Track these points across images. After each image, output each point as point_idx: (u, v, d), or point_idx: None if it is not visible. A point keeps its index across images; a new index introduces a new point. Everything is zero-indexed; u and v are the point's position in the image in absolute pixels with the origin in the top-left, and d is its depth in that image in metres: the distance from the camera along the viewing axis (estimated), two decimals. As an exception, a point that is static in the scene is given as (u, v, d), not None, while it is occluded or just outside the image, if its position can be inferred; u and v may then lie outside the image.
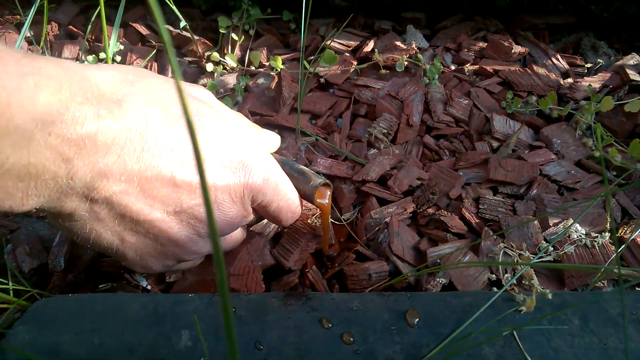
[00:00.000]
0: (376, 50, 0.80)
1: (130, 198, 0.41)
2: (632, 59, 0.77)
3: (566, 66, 0.80)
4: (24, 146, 0.33)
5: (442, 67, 0.78)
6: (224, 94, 0.79)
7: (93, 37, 0.88)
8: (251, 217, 0.51)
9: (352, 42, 0.87)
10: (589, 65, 0.80)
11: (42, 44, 0.82)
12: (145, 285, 0.56)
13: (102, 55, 0.83)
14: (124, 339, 0.45)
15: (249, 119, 0.73)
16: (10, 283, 0.55)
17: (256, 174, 0.46)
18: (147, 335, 0.45)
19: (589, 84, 0.71)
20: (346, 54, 0.86)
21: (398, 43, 0.83)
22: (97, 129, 0.36)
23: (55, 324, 0.47)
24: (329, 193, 0.54)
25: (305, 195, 0.53)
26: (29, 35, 0.86)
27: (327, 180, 0.53)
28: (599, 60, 0.80)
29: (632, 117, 0.66)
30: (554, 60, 0.80)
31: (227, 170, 0.45)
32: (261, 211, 0.51)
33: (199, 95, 0.49)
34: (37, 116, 0.32)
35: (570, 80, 0.76)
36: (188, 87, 0.49)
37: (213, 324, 0.46)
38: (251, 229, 0.60)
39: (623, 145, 0.65)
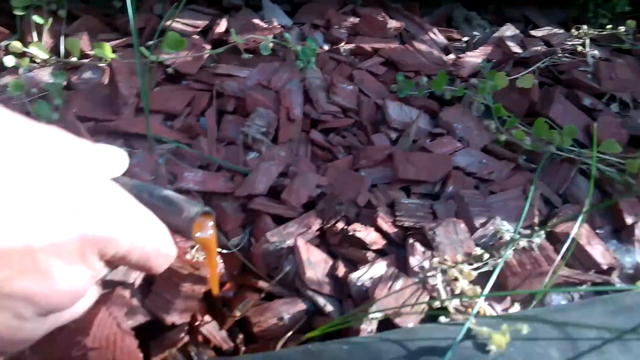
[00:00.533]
0: (232, 30, 0.66)
1: None
2: (508, 30, 0.74)
3: (445, 41, 0.74)
4: None
5: (317, 47, 0.67)
6: (37, 95, 0.58)
7: None
8: (104, 271, 0.35)
9: (199, 22, 0.72)
10: (466, 38, 0.76)
11: None
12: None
13: None
14: None
15: (79, 128, 0.53)
16: None
17: (97, 218, 0.30)
18: None
19: (483, 60, 0.66)
20: (195, 36, 0.70)
21: (257, 21, 0.70)
22: None
23: None
24: (211, 223, 0.39)
25: (179, 231, 0.37)
26: None
27: (206, 207, 0.37)
28: (474, 32, 0.76)
29: (524, 93, 0.63)
30: (431, 34, 0.74)
31: (46, 221, 0.28)
32: (119, 263, 0.34)
33: None
34: None
35: (452, 56, 0.71)
36: None
37: None
38: (108, 278, 0.43)
39: (525, 125, 0.60)
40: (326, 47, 0.72)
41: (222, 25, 0.71)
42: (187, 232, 0.36)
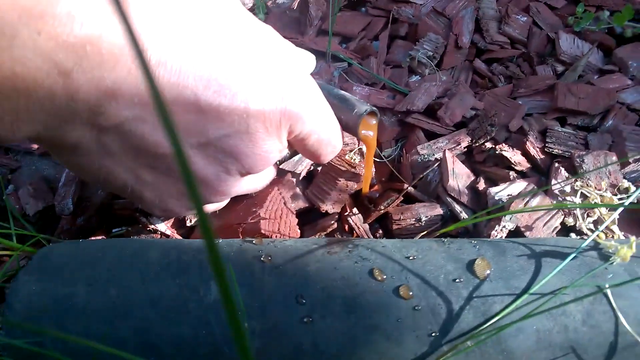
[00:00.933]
0: (417, -41, 0.69)
1: (146, 126, 0.33)
2: None
3: (642, -24, 0.68)
4: (4, 48, 0.25)
5: (495, -23, 0.67)
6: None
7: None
8: (286, 151, 0.44)
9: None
10: (667, -25, 0.69)
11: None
12: (164, 230, 0.50)
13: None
14: (144, 291, 0.39)
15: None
16: (13, 227, 0.49)
17: (295, 99, 0.38)
18: (170, 286, 0.39)
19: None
20: (381, -36, 0.75)
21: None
22: (101, 31, 0.27)
23: (65, 272, 0.40)
24: (375, 123, 0.45)
25: (348, 126, 0.45)
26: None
27: (374, 108, 0.44)
28: (680, -31, 0.68)
29: None
30: (626, -31, 0.69)
31: (261, 93, 0.36)
32: (298, 144, 0.43)
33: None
34: (18, 2, 0.24)
35: (646, -8, 0.66)
36: None
37: (247, 274, 0.39)
38: (281, 166, 0.53)
39: None
40: (505, -22, 0.72)
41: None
42: (354, 127, 0.44)
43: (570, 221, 0.44)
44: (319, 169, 0.52)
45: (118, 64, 0.29)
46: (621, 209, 0.42)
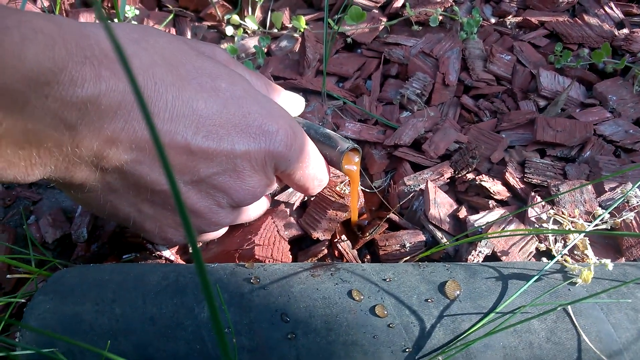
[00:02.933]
0: (407, 4, 0.75)
1: (144, 167, 0.38)
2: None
3: (621, 15, 0.72)
4: (17, 110, 0.30)
5: (481, 19, 0.71)
6: (244, 59, 0.75)
7: (109, 4, 0.84)
8: (275, 185, 0.48)
9: (380, -2, 0.82)
10: (647, 13, 0.72)
11: (57, 13, 0.79)
12: (168, 256, 0.54)
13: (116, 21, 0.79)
14: (145, 309, 0.43)
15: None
16: (32, 253, 0.53)
17: (278, 139, 0.42)
18: (168, 305, 0.43)
19: (649, 33, 0.64)
20: (374, 10, 0.80)
21: (435, -4, 0.77)
22: (100, 91, 0.32)
23: (75, 293, 0.45)
24: (357, 159, 0.50)
25: (332, 162, 0.49)
26: (43, 5, 0.83)
27: (356, 145, 0.48)
28: (659, 8, 0.72)
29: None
30: (606, 9, 0.73)
31: (246, 135, 0.41)
32: (285, 179, 0.47)
33: (214, 54, 0.45)
34: (27, 76, 0.29)
35: (625, 30, 0.69)
36: (201, 46, 0.45)
37: (237, 294, 0.43)
38: (276, 197, 0.57)
39: (689, 100, 0.58)
40: (493, 20, 0.76)
41: (399, 0, 0.80)
42: (338, 162, 0.48)
43: (542, 246, 0.47)
44: (312, 199, 0.56)
45: (115, 117, 0.34)
46: (582, 235, 0.44)
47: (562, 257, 0.42)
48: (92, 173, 0.37)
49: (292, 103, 0.51)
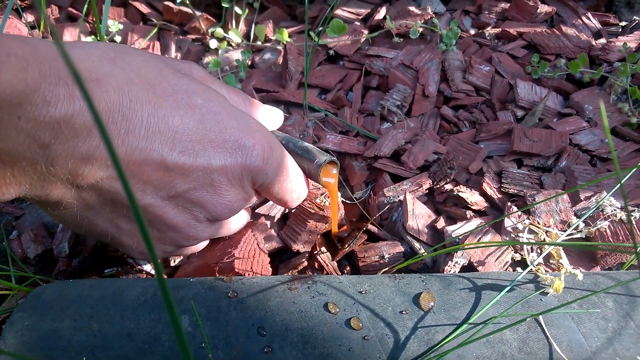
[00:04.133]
0: (388, 17, 0.76)
1: (119, 184, 0.38)
2: (672, 15, 0.70)
3: (598, 25, 0.73)
4: None
5: (460, 31, 0.72)
6: (228, 71, 0.76)
7: (94, 19, 0.85)
8: (254, 199, 0.48)
9: (362, 10, 0.82)
10: (623, 23, 0.73)
11: (42, 28, 0.80)
12: (149, 270, 0.54)
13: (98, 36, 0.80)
14: (122, 325, 0.43)
15: (254, 96, 0.69)
16: (12, 269, 0.53)
17: (254, 154, 0.42)
18: (146, 320, 0.43)
19: (624, 43, 0.65)
20: (356, 23, 0.81)
21: (412, 8, 0.78)
22: (74, 110, 0.33)
23: (54, 309, 0.45)
24: (335, 171, 0.50)
25: (311, 175, 0.49)
26: (26, 21, 0.84)
27: (333, 157, 0.49)
28: (634, 17, 0.73)
29: (671, 78, 0.60)
30: (584, 19, 0.74)
31: (222, 150, 0.41)
32: (264, 193, 0.48)
33: (190, 71, 0.46)
34: (0, 98, 0.29)
35: (602, 40, 0.70)
36: (177, 64, 0.45)
37: (214, 308, 0.43)
38: (256, 210, 0.57)
39: (662, 109, 0.59)
40: (472, 32, 0.77)
41: (381, 13, 0.81)
42: (316, 175, 0.48)
43: (518, 256, 0.47)
44: (292, 211, 0.56)
45: (90, 135, 0.34)
46: (555, 245, 0.45)
47: (536, 267, 0.42)
48: (68, 190, 0.38)
49: (271, 117, 0.51)
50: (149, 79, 0.39)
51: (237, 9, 0.83)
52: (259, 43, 0.80)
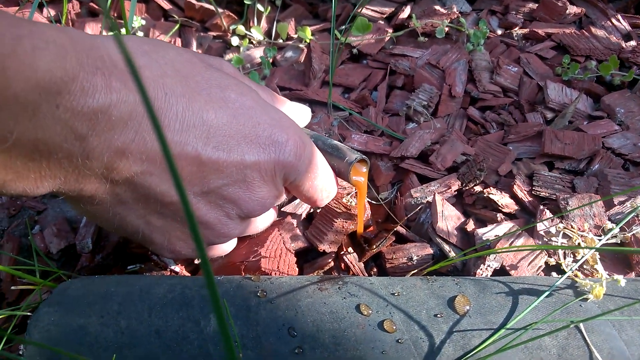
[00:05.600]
0: (413, 16, 0.75)
1: (154, 179, 0.38)
2: None
3: (628, 27, 0.72)
4: (28, 119, 0.30)
5: (488, 31, 0.71)
6: (250, 69, 0.75)
7: (115, 14, 0.85)
8: (283, 196, 0.48)
9: (386, 9, 0.82)
10: (654, 26, 0.72)
11: (63, 23, 0.79)
12: (173, 267, 0.53)
13: (124, 32, 0.79)
14: (150, 322, 0.42)
15: (277, 94, 0.69)
16: (37, 264, 0.53)
17: (287, 150, 0.42)
18: (174, 318, 0.42)
19: (657, 46, 0.64)
20: (380, 21, 0.80)
21: (437, 7, 0.77)
22: (111, 102, 0.32)
23: (80, 305, 0.44)
24: (365, 170, 0.49)
25: (340, 173, 0.49)
26: (50, 14, 0.83)
27: (364, 156, 0.48)
28: (666, 20, 0.72)
29: None
30: (614, 21, 0.73)
31: (256, 146, 0.41)
32: (294, 190, 0.47)
33: (221, 67, 0.45)
34: (39, 85, 0.29)
35: (633, 42, 0.69)
36: (209, 59, 0.45)
37: (243, 307, 0.43)
38: (282, 209, 0.56)
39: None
40: (499, 32, 0.76)
41: (405, 12, 0.80)
42: (346, 173, 0.48)
43: (552, 261, 0.46)
44: (318, 211, 0.55)
45: (126, 128, 0.34)
46: (592, 250, 0.44)
47: (572, 272, 0.41)
48: (102, 185, 0.37)
49: (299, 114, 0.51)
50: (183, 72, 0.39)
51: (259, 6, 0.82)
52: (281, 41, 0.79)
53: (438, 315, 0.40)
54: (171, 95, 0.36)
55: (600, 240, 0.46)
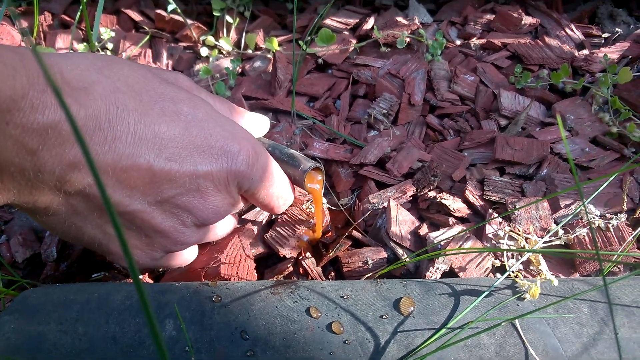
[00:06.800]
0: (375, 27, 0.77)
1: (107, 190, 0.39)
2: (652, 27, 0.71)
3: (581, 37, 0.75)
4: None
5: (445, 42, 0.74)
6: (218, 79, 0.77)
7: (85, 26, 0.86)
8: (240, 205, 0.49)
9: (351, 20, 0.84)
10: (606, 35, 0.75)
11: (34, 34, 0.80)
12: (136, 275, 0.54)
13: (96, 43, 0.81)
14: (107, 328, 0.43)
15: (243, 104, 0.70)
16: (0, 273, 0.54)
17: (240, 159, 0.43)
18: (130, 324, 0.44)
19: (605, 55, 0.66)
20: (345, 32, 0.82)
21: (399, 19, 0.79)
22: (61, 118, 0.33)
23: (40, 313, 0.45)
24: (320, 177, 0.51)
25: (296, 181, 0.50)
26: (20, 27, 0.84)
27: (318, 164, 0.50)
28: (617, 29, 0.75)
29: (650, 89, 0.62)
30: (567, 31, 0.75)
31: (208, 156, 0.42)
32: (250, 198, 0.48)
33: (177, 80, 0.47)
34: None
35: (585, 51, 0.72)
36: (163, 74, 0.46)
37: (198, 312, 0.44)
38: (243, 216, 0.58)
39: (641, 119, 0.60)
40: (458, 42, 0.79)
41: (369, 23, 0.82)
42: (301, 181, 0.49)
43: (497, 262, 0.48)
44: (279, 217, 0.57)
45: (76, 142, 0.35)
46: (538, 247, 0.46)
47: (514, 273, 0.43)
48: (56, 197, 0.38)
49: (257, 124, 0.52)
50: (135, 87, 0.40)
51: (228, 18, 0.84)
52: (250, 51, 0.81)
53: (384, 317, 0.42)
54: (123, 110, 0.38)
55: (542, 241, 0.48)
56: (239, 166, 0.43)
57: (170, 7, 0.79)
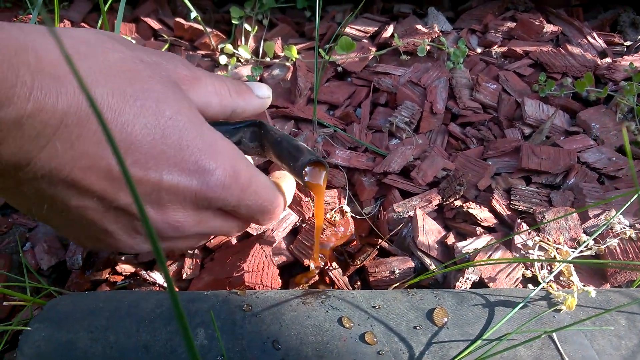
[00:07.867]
0: (395, 35, 0.77)
1: (57, 188, 0.36)
2: (675, 36, 0.71)
3: (603, 45, 0.75)
4: None
5: (467, 49, 0.74)
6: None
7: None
8: (212, 221, 0.45)
9: (370, 28, 0.84)
10: (628, 43, 0.75)
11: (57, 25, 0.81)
12: (162, 283, 0.54)
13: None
14: (138, 337, 0.43)
15: (264, 112, 0.70)
16: (27, 281, 0.54)
17: (214, 180, 0.40)
18: (162, 333, 0.44)
19: (630, 63, 0.66)
20: (364, 40, 0.82)
21: (419, 27, 0.79)
22: (25, 112, 0.31)
23: (70, 321, 0.45)
24: (323, 173, 0.47)
25: (294, 174, 0.47)
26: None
27: (321, 159, 0.46)
28: (639, 37, 0.74)
29: (676, 98, 0.61)
30: (589, 39, 0.75)
31: (178, 169, 0.38)
32: (232, 213, 0.45)
33: (175, 70, 0.42)
34: None
35: (608, 59, 0.71)
36: (160, 65, 0.41)
37: (229, 321, 0.44)
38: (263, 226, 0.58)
39: (668, 128, 0.60)
40: (479, 50, 0.79)
41: (388, 31, 0.82)
42: (299, 174, 0.46)
43: (528, 273, 0.48)
44: (304, 226, 0.57)
45: (39, 136, 0.33)
46: (571, 258, 0.46)
47: (547, 284, 0.43)
48: (9, 180, 0.36)
49: (262, 93, 0.50)
50: (119, 81, 0.36)
51: (247, 26, 0.84)
52: (268, 59, 0.81)
53: (417, 327, 0.42)
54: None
55: (574, 252, 0.48)
56: (211, 186, 0.40)
57: (192, 15, 0.80)
